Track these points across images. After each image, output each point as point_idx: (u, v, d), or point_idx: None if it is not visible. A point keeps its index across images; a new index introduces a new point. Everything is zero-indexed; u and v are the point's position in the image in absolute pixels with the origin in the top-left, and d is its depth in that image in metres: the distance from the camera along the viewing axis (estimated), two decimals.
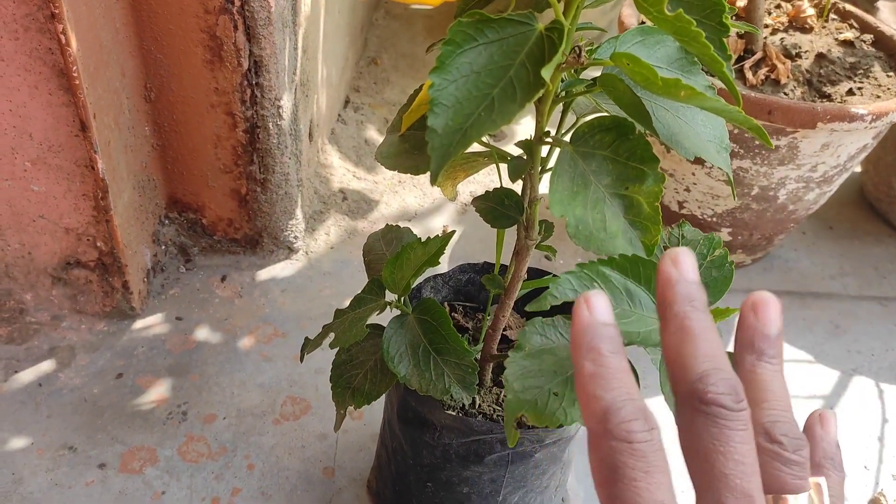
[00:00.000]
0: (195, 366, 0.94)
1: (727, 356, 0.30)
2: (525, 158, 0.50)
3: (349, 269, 1.10)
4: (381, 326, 0.59)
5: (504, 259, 0.62)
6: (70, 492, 0.79)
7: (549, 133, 0.49)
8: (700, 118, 0.49)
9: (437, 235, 0.56)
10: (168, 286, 1.04)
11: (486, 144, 0.52)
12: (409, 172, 0.53)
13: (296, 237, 1.09)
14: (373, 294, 0.60)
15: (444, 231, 1.17)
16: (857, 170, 1.36)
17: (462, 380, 0.54)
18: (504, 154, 0.52)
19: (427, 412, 0.63)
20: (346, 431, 0.87)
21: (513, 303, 0.59)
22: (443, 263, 1.10)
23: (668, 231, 0.55)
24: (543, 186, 0.50)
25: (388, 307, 0.59)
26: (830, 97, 1.00)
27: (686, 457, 0.29)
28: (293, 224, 1.07)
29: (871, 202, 1.34)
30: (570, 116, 0.51)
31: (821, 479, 0.31)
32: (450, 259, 1.14)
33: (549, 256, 1.15)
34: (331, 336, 0.60)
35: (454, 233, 0.58)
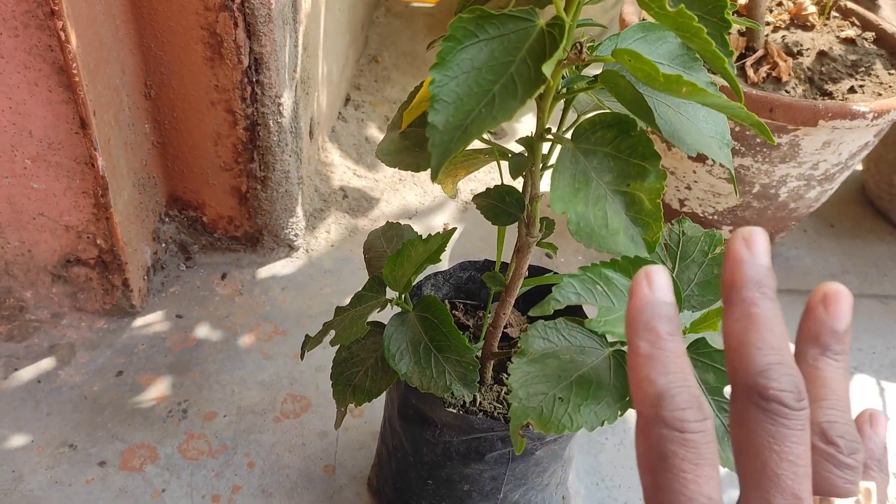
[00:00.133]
0: (195, 363, 0.93)
1: (791, 350, 0.29)
2: (526, 155, 0.49)
3: (350, 267, 1.09)
4: (382, 324, 0.59)
5: (505, 257, 0.62)
6: (70, 489, 0.79)
7: (550, 130, 0.49)
8: (702, 115, 0.49)
9: (438, 233, 0.56)
10: (168, 284, 1.03)
11: (487, 142, 0.52)
12: (410, 169, 0.53)
13: (296, 235, 1.09)
14: (373, 291, 0.60)
15: (445, 229, 1.17)
16: (859, 168, 1.36)
17: (463, 377, 0.54)
18: (505, 151, 0.52)
19: (428, 410, 0.63)
20: (347, 429, 0.87)
21: (514, 300, 0.58)
22: (443, 261, 1.09)
23: (669, 228, 0.55)
24: (544, 184, 0.50)
25: (389, 304, 0.59)
26: (832, 95, 1.00)
27: (736, 449, 0.28)
28: (294, 222, 1.07)
29: (873, 200, 1.34)
30: (571, 115, 0.51)
31: (871, 484, 0.30)
32: (450, 257, 1.13)
33: (550, 254, 1.15)
34: (331, 333, 0.59)
35: (455, 230, 0.58)
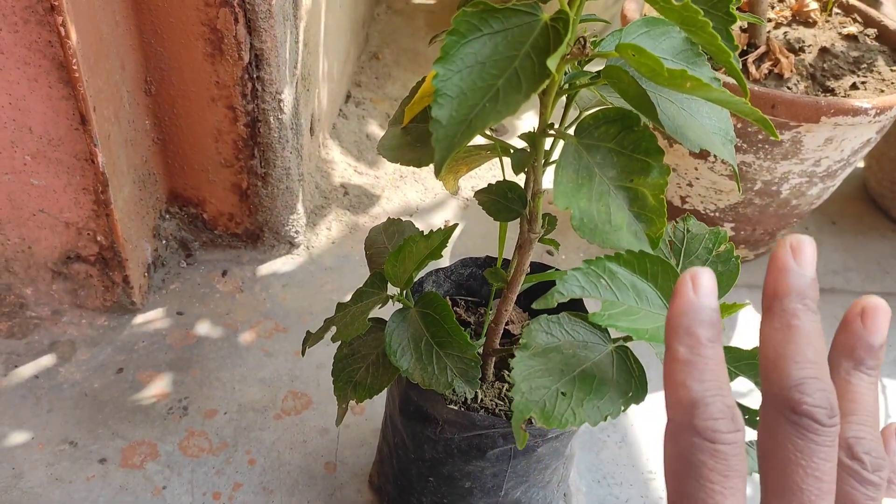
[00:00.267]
0: (196, 361, 0.93)
1: (827, 366, 0.28)
2: (528, 151, 0.49)
3: (350, 264, 1.09)
4: (383, 320, 0.59)
5: (506, 253, 0.62)
6: (70, 486, 0.79)
7: (553, 125, 0.48)
8: (705, 110, 0.48)
9: (440, 229, 0.56)
10: (169, 281, 1.03)
11: (490, 137, 0.51)
12: (412, 165, 0.53)
13: (297, 232, 1.09)
14: (375, 288, 0.59)
15: (446, 226, 1.17)
16: (860, 165, 1.36)
17: (464, 374, 0.54)
18: (507, 147, 0.52)
19: (429, 407, 0.63)
20: (348, 426, 0.87)
21: (515, 297, 0.58)
22: (444, 258, 1.09)
23: (674, 225, 0.55)
24: (547, 180, 0.49)
25: (391, 301, 0.59)
26: (834, 91, 1.00)
27: (762, 459, 0.28)
28: (294, 219, 1.07)
29: (874, 198, 1.33)
30: (573, 111, 0.51)
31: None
32: (451, 254, 1.13)
33: (552, 251, 1.15)
34: (332, 330, 0.59)
35: (456, 226, 0.58)
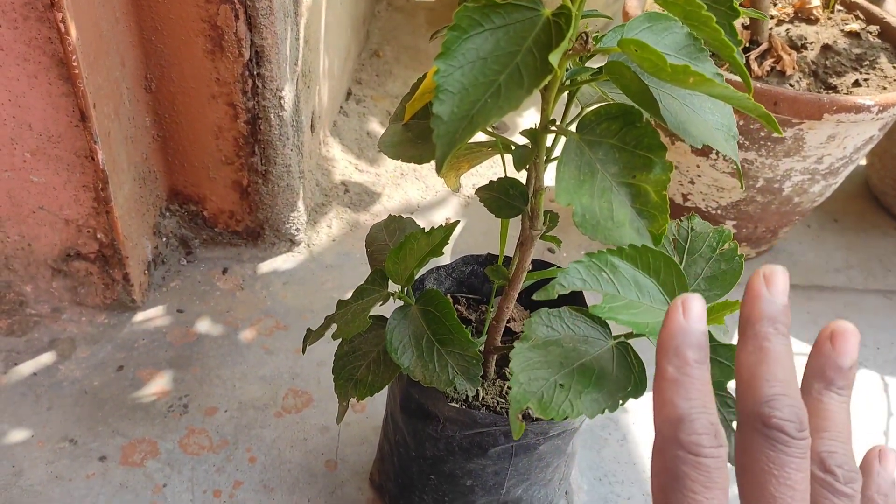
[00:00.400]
0: (196, 358, 0.93)
1: (798, 385, 0.30)
2: (530, 147, 0.49)
3: (351, 262, 1.09)
4: (384, 318, 0.59)
5: (507, 251, 0.62)
6: (71, 484, 0.79)
7: (555, 121, 0.48)
8: (708, 106, 0.48)
9: (441, 226, 0.55)
10: (169, 278, 1.03)
11: (492, 133, 0.51)
12: (413, 161, 0.52)
13: (297, 229, 1.08)
14: (376, 285, 0.59)
15: (447, 223, 1.16)
16: (862, 163, 1.35)
17: (466, 371, 0.54)
18: (509, 143, 0.52)
19: (430, 404, 0.63)
20: (349, 424, 0.87)
21: (517, 294, 0.58)
22: (445, 256, 1.09)
23: (678, 223, 0.55)
24: (548, 177, 0.49)
25: (392, 298, 0.59)
26: (836, 88, 1.00)
27: (739, 474, 0.30)
28: (295, 216, 1.06)
29: (877, 195, 1.33)
30: (574, 108, 0.50)
31: None
32: (452, 252, 1.13)
33: (554, 248, 1.14)
34: (333, 327, 0.59)
35: (458, 223, 0.58)
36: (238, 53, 0.87)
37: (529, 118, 1.43)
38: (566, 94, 0.49)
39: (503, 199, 0.53)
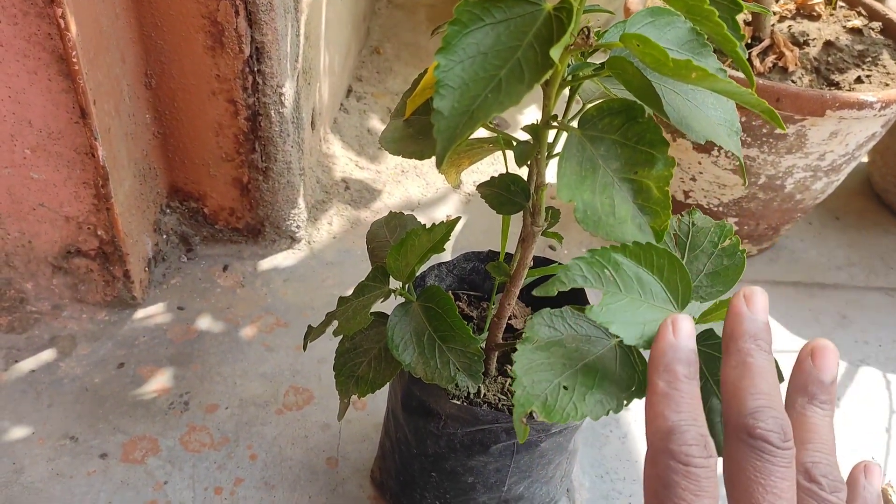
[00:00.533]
0: (197, 355, 0.93)
1: (782, 398, 0.32)
2: (531, 143, 0.49)
3: (352, 259, 1.09)
4: (386, 314, 0.58)
5: (509, 248, 0.62)
6: (71, 482, 0.79)
7: (557, 117, 0.48)
8: (710, 101, 0.48)
9: (442, 222, 0.55)
10: (169, 275, 1.03)
11: (493, 129, 0.51)
12: (414, 157, 0.52)
13: (298, 227, 1.08)
14: (377, 281, 0.59)
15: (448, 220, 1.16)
16: (864, 160, 1.35)
17: (468, 368, 0.53)
18: (510, 139, 0.51)
19: (432, 401, 0.62)
20: (350, 421, 0.87)
21: (518, 291, 0.58)
22: (446, 253, 1.09)
23: (679, 218, 0.54)
24: (550, 173, 0.49)
25: (393, 295, 0.58)
26: (838, 85, 0.99)
27: (727, 484, 0.31)
28: (295, 213, 1.06)
29: (878, 193, 1.33)
30: (576, 105, 0.50)
31: None
32: (453, 249, 1.13)
33: (555, 246, 1.14)
34: (334, 324, 0.59)
35: (459, 219, 0.57)
36: (238, 50, 0.87)
37: (530, 115, 1.42)
38: (568, 90, 0.49)
39: (504, 196, 0.53)
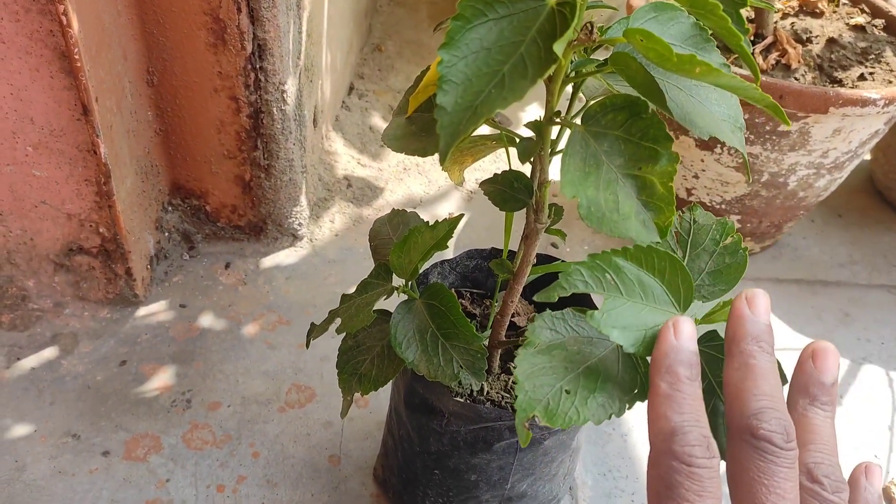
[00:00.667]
0: (199, 353, 0.93)
1: (784, 399, 0.32)
2: (535, 139, 0.48)
3: (354, 257, 1.09)
4: (388, 312, 0.58)
5: (512, 245, 0.61)
6: (73, 479, 0.79)
7: (560, 113, 0.48)
8: (714, 97, 0.48)
9: (445, 219, 0.55)
10: (171, 273, 1.03)
11: (496, 125, 0.51)
12: (417, 154, 0.52)
13: (300, 224, 1.08)
14: (379, 279, 0.59)
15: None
16: (867, 158, 1.35)
17: (471, 365, 0.53)
18: (513, 136, 0.51)
19: (435, 399, 0.62)
20: (352, 419, 0.87)
21: (521, 288, 0.58)
22: (449, 250, 1.09)
23: (680, 215, 0.54)
24: (553, 170, 0.49)
25: (395, 292, 0.58)
26: (842, 82, 0.99)
27: (731, 485, 0.31)
28: (297, 211, 1.06)
29: (881, 190, 1.33)
30: (578, 104, 0.50)
31: None
32: (455, 246, 1.13)
33: (557, 244, 1.14)
34: (337, 322, 0.59)
35: (462, 216, 0.57)
36: (240, 47, 0.87)
37: (532, 113, 1.42)
38: (571, 87, 0.49)
39: (507, 192, 0.53)
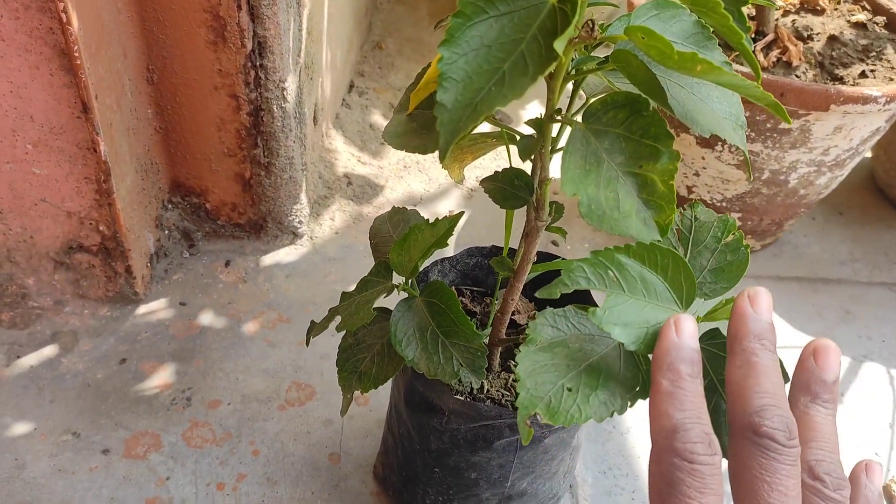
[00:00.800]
0: (199, 351, 0.93)
1: (786, 397, 0.32)
2: (535, 137, 0.48)
3: (354, 255, 1.09)
4: (389, 310, 0.58)
5: (512, 243, 0.61)
6: (73, 477, 0.79)
7: (561, 111, 0.48)
8: (715, 95, 0.47)
9: (445, 217, 0.55)
10: (171, 271, 1.03)
11: (497, 123, 0.51)
12: (417, 152, 0.52)
13: (300, 222, 1.08)
14: (380, 277, 0.59)
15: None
16: (868, 155, 1.35)
17: (471, 363, 0.53)
18: (514, 134, 0.51)
19: (435, 397, 0.62)
20: (352, 417, 0.87)
21: (521, 286, 0.57)
22: (449, 248, 1.09)
23: (681, 213, 0.54)
24: (554, 168, 0.49)
25: (396, 290, 0.58)
26: (843, 80, 0.99)
27: (733, 482, 0.31)
28: (298, 209, 1.06)
29: (882, 188, 1.32)
30: (578, 102, 0.50)
31: None
32: (455, 245, 1.13)
33: (557, 242, 1.14)
34: (337, 319, 0.59)
35: (462, 213, 0.57)
36: (240, 44, 0.87)
37: (533, 110, 1.42)
38: (571, 84, 0.49)
39: (508, 190, 0.53)
